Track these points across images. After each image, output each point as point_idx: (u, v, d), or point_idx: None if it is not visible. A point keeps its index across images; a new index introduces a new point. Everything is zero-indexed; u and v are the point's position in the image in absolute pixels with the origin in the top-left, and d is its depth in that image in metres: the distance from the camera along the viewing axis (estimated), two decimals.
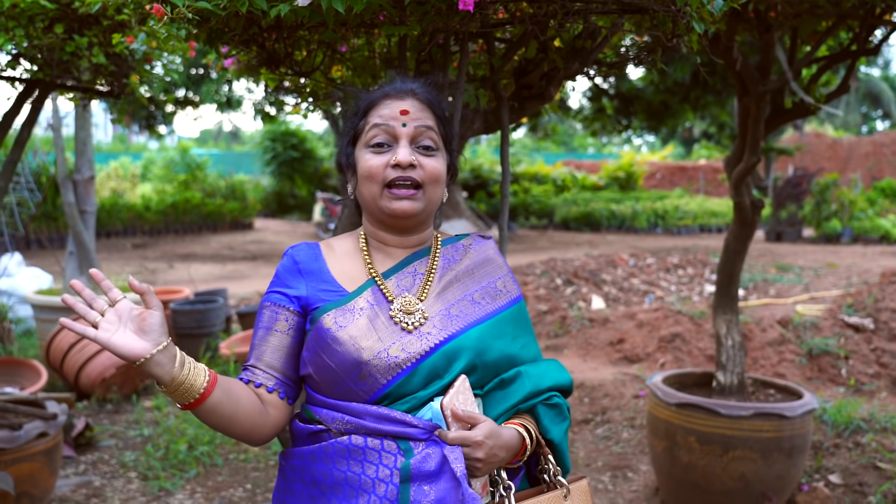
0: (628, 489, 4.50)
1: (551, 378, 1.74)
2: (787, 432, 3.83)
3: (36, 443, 3.62)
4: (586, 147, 43.53)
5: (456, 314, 1.69)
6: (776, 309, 7.79)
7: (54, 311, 6.63)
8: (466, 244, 1.84)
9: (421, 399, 1.61)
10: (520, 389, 1.69)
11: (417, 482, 1.53)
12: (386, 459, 1.55)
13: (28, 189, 8.31)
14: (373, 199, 1.70)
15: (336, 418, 1.61)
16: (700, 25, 2.11)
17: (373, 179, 1.68)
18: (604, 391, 6.11)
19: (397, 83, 1.76)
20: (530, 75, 2.64)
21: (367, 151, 1.70)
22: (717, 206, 22.00)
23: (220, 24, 2.07)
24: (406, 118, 1.69)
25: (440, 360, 1.62)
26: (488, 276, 1.79)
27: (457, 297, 1.72)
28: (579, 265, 10.39)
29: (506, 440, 1.61)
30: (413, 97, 1.73)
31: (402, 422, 1.57)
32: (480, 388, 1.68)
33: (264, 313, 1.72)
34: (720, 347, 4.21)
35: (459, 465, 1.53)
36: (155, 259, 14.69)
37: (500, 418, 1.67)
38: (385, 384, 1.60)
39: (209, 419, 1.58)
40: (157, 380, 1.50)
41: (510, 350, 1.71)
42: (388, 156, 1.68)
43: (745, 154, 4.08)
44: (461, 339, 1.65)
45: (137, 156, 26.53)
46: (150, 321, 1.49)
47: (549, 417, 1.73)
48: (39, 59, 3.27)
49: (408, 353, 1.61)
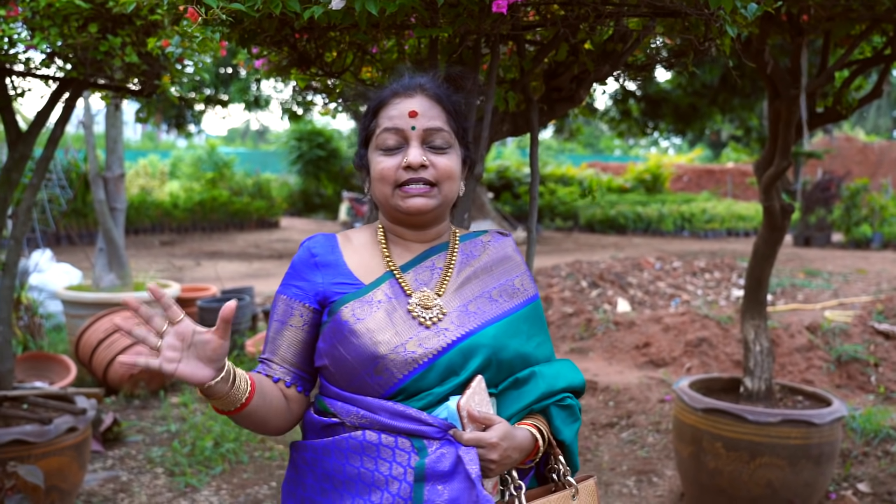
0: (653, 494, 4.48)
1: (565, 379, 1.75)
2: (816, 439, 3.80)
3: (65, 437, 3.66)
4: (613, 149, 43.33)
5: (473, 311, 1.69)
6: (804, 314, 7.72)
7: (84, 306, 6.70)
8: (485, 240, 1.84)
9: (437, 395, 1.61)
10: (534, 390, 1.69)
11: (431, 482, 1.53)
12: (400, 457, 1.55)
13: (59, 186, 8.41)
14: (385, 199, 1.70)
15: (350, 412, 1.60)
16: (733, 29, 2.09)
17: (385, 181, 1.68)
18: (629, 395, 6.08)
19: (406, 79, 1.75)
20: (560, 78, 2.63)
21: (379, 154, 1.70)
22: (745, 209, 21.81)
23: (253, 25, 2.09)
24: (415, 120, 1.68)
25: (457, 356, 1.63)
26: (506, 274, 1.79)
27: (475, 293, 1.72)
28: (605, 268, 10.35)
29: (519, 441, 1.62)
30: (422, 93, 1.71)
31: (417, 419, 1.57)
32: (495, 387, 1.68)
33: (279, 306, 1.72)
34: (748, 353, 4.18)
35: (474, 466, 1.53)
36: (182, 256, 14.81)
37: (514, 418, 1.67)
38: (401, 379, 1.60)
39: (243, 422, 1.61)
40: (210, 395, 1.52)
41: (525, 349, 1.72)
42: (399, 157, 1.68)
43: (776, 158, 4.04)
44: (478, 336, 1.65)
45: (166, 154, 26.76)
46: (220, 352, 1.48)
47: (561, 419, 1.73)
48: (73, 57, 3.31)
49: (425, 348, 1.61)
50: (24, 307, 6.47)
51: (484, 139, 2.40)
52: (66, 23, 3.05)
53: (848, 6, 3.31)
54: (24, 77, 3.63)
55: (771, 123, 4.16)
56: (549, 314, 8.28)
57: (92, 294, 6.93)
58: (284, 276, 1.75)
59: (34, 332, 6.49)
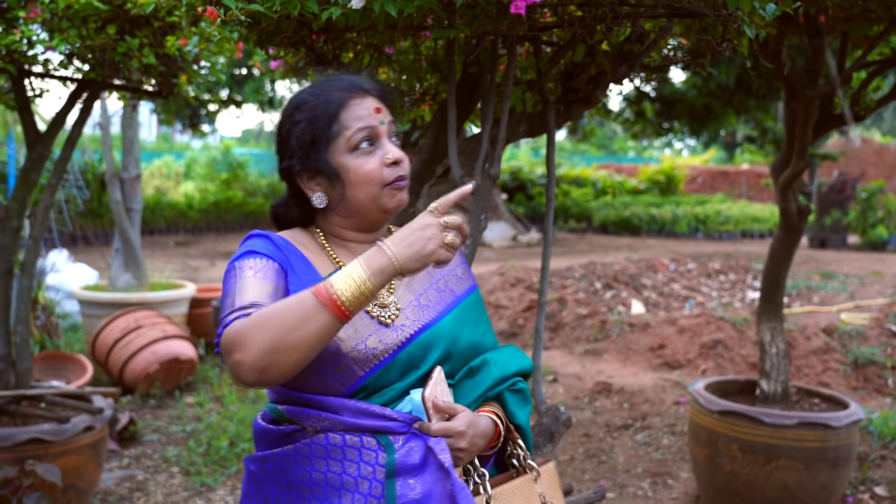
0: (668, 496, 4.46)
1: (515, 364, 1.77)
2: (833, 442, 3.78)
3: (83, 436, 3.69)
4: (626, 150, 43.21)
5: (426, 304, 1.70)
6: (820, 317, 7.67)
7: (100, 306, 6.74)
8: None
9: (398, 390, 1.61)
10: (488, 377, 1.71)
11: (403, 476, 1.52)
12: (367, 456, 1.54)
13: (76, 186, 8.46)
14: (373, 200, 1.65)
15: (311, 415, 1.56)
16: (751, 30, 2.08)
17: (372, 183, 1.64)
18: (644, 397, 6.07)
19: (349, 80, 1.70)
20: (577, 79, 2.62)
21: (356, 156, 1.64)
22: (760, 211, 21.69)
23: (271, 26, 2.09)
24: (381, 115, 1.67)
25: (417, 349, 1.63)
26: (449, 264, 1.75)
27: (423, 286, 1.73)
28: (619, 269, 10.32)
29: (483, 428, 1.65)
30: (373, 93, 1.70)
31: (381, 416, 1.56)
32: (452, 378, 1.69)
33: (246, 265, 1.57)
34: (764, 355, 4.16)
35: (446, 455, 1.54)
36: (197, 257, 14.87)
37: (471, 406, 1.68)
38: (362, 376, 1.58)
39: (333, 333, 1.46)
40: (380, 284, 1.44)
41: (476, 337, 1.74)
42: (377, 156, 1.65)
43: (793, 159, 4.03)
44: (436, 328, 1.67)
45: (180, 154, 26.85)
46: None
47: (515, 402, 1.76)
48: (91, 59, 3.33)
49: (385, 344, 1.60)
50: (42, 307, 6.52)
51: (500, 140, 2.40)
52: (84, 24, 3.07)
53: (866, 7, 3.29)
54: (43, 78, 3.66)
55: (787, 125, 4.15)
56: (564, 315, 8.27)
57: (108, 294, 6.97)
58: (238, 252, 1.62)
59: (51, 331, 6.54)
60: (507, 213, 19.54)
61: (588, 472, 4.82)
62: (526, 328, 8.11)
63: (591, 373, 6.88)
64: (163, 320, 6.32)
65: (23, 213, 3.75)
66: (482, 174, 2.39)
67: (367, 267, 1.43)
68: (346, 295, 1.40)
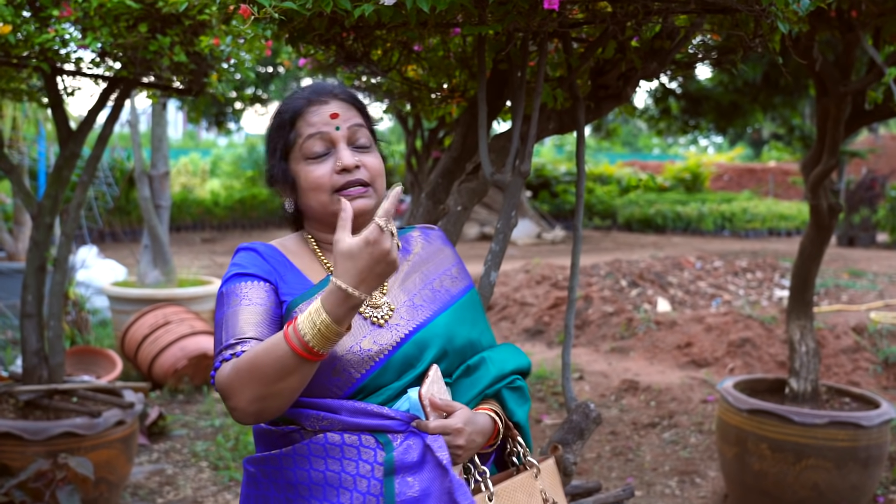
0: (696, 495, 4.44)
1: (513, 362, 1.77)
2: (864, 442, 3.74)
3: (114, 430, 3.73)
4: (651, 148, 42.97)
5: (420, 303, 1.70)
6: (849, 315, 7.59)
7: (129, 302, 6.81)
8: (415, 235, 1.85)
9: (395, 390, 1.61)
10: (485, 375, 1.71)
11: (401, 474, 1.53)
12: (365, 455, 1.55)
13: (106, 184, 8.55)
14: (323, 207, 1.66)
15: (310, 415, 1.58)
16: (785, 25, 2.07)
17: (321, 189, 1.65)
18: (671, 395, 6.04)
19: (315, 87, 1.73)
20: (607, 75, 2.62)
21: (308, 163, 1.67)
22: (787, 209, 21.48)
23: (303, 23, 2.10)
24: (338, 121, 1.67)
25: (412, 349, 1.64)
26: (444, 264, 1.81)
27: (418, 286, 1.73)
28: (644, 267, 10.27)
29: (481, 426, 1.65)
30: (335, 98, 1.70)
31: (378, 414, 1.57)
32: (449, 376, 1.70)
33: (238, 290, 1.61)
34: (794, 353, 4.13)
35: (444, 453, 1.54)
36: (223, 253, 14.98)
37: (469, 405, 1.68)
38: (359, 378, 1.59)
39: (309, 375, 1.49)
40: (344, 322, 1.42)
41: (472, 335, 1.75)
42: (329, 163, 1.66)
43: (824, 156, 3.99)
44: (430, 327, 1.67)
45: (206, 152, 27.02)
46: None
47: (513, 400, 1.76)
48: (123, 57, 3.36)
49: (380, 345, 1.61)
50: (72, 302, 6.59)
51: (531, 137, 2.40)
52: (116, 22, 3.10)
53: None
54: (75, 76, 3.69)
55: (819, 121, 4.11)
56: (590, 313, 8.24)
57: (137, 290, 7.04)
58: (227, 273, 1.66)
59: (81, 327, 6.61)
60: (531, 210, 19.50)
61: (615, 470, 4.80)
62: (551, 325, 8.09)
63: (618, 371, 6.85)
64: (191, 316, 6.38)
65: (56, 209, 3.79)
66: (513, 171, 2.39)
67: (328, 310, 1.41)
68: (313, 340, 1.42)
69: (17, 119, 8.04)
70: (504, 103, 2.77)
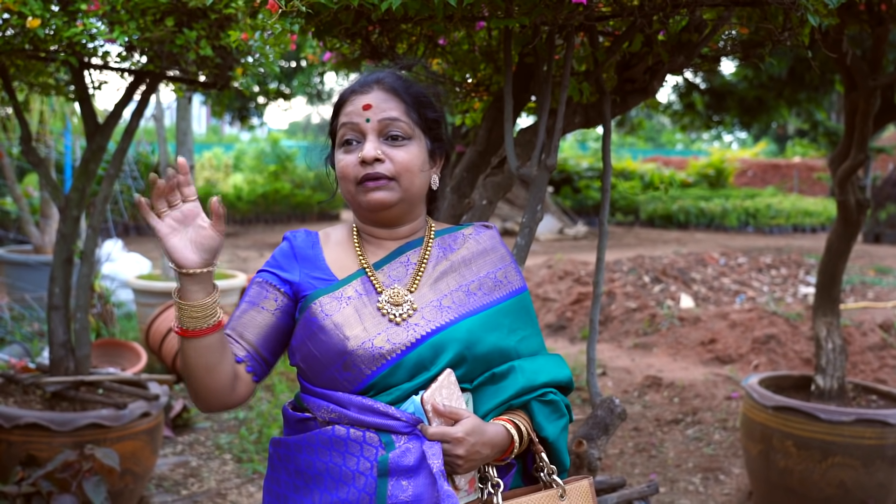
0: (720, 492, 4.41)
1: (548, 374, 1.69)
2: (891, 440, 3.71)
3: (139, 422, 3.76)
4: (674, 143, 42.69)
5: (448, 305, 1.66)
6: (876, 312, 7.52)
7: (154, 295, 6.86)
8: (466, 234, 1.80)
9: (406, 391, 1.59)
10: (512, 385, 1.65)
11: (395, 476, 1.51)
12: (367, 452, 1.54)
13: (131, 177, 8.62)
14: (350, 196, 1.69)
15: (322, 406, 1.60)
16: (815, 18, 2.05)
17: (346, 179, 1.67)
18: (694, 391, 6.01)
19: (364, 76, 1.74)
20: (634, 69, 2.60)
21: (340, 151, 1.70)
22: (812, 205, 21.27)
23: (330, 17, 2.11)
24: (369, 112, 1.66)
25: (427, 351, 1.60)
26: (487, 267, 1.74)
27: (451, 287, 1.69)
28: (668, 263, 10.22)
29: (490, 437, 1.58)
30: (378, 87, 1.70)
31: (384, 413, 1.56)
32: (469, 383, 1.66)
33: (253, 288, 1.71)
34: (820, 350, 4.09)
35: (437, 461, 1.51)
36: (246, 248, 15.05)
37: (491, 414, 1.64)
38: (369, 375, 1.59)
39: (195, 358, 1.57)
40: (183, 295, 1.52)
41: (504, 343, 1.67)
42: (357, 153, 1.66)
43: (852, 151, 3.95)
44: (450, 330, 1.62)
45: (230, 146, 27.14)
46: (211, 242, 1.51)
47: (543, 415, 1.68)
48: (149, 51, 3.38)
49: (393, 343, 1.59)
50: (98, 295, 6.64)
51: (557, 131, 2.39)
52: (143, 16, 3.11)
53: None
54: (102, 70, 3.72)
55: (847, 116, 4.06)
56: (612, 309, 8.21)
57: (161, 283, 7.09)
58: (264, 264, 1.74)
59: (107, 319, 6.67)
60: (553, 205, 19.43)
61: (638, 466, 4.79)
62: (574, 321, 8.07)
63: (641, 366, 6.83)
64: None
65: (83, 203, 3.82)
66: (539, 165, 2.38)
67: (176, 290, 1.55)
68: (178, 315, 1.55)
69: (44, 113, 8.11)
70: (529, 97, 2.76)
